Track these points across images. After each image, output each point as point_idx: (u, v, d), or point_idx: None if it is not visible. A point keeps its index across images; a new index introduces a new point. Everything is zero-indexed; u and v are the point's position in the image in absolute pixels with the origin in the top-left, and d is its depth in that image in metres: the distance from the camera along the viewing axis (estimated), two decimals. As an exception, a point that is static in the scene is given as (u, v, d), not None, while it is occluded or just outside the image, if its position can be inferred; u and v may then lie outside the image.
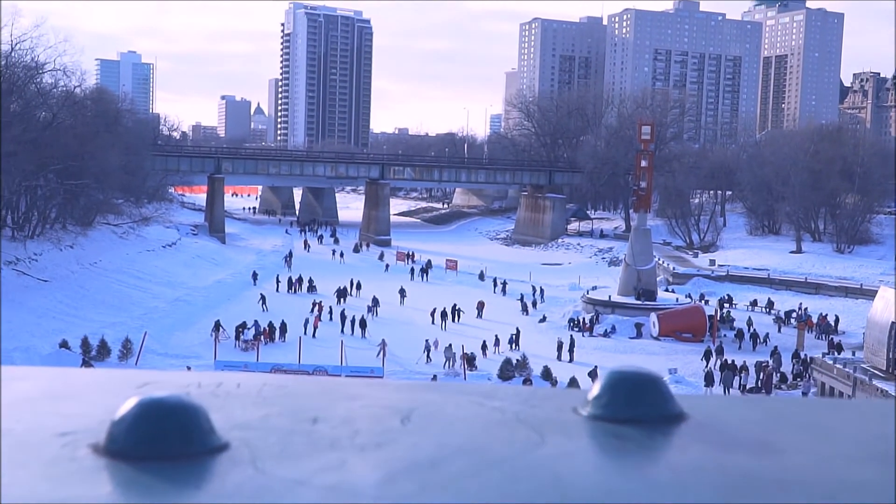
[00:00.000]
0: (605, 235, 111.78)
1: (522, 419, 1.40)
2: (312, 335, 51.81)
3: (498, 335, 51.43)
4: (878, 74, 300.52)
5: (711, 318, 56.75)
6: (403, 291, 65.75)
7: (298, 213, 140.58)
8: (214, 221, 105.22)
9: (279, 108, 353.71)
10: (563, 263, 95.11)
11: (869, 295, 58.33)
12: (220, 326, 49.71)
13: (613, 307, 60.70)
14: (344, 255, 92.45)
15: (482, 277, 78.26)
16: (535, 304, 65.70)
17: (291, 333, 50.32)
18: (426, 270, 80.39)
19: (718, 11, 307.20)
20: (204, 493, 1.10)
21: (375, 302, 60.32)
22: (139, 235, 75.96)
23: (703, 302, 65.56)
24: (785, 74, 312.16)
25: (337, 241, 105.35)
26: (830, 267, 79.75)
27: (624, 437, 1.33)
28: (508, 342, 50.94)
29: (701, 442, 1.33)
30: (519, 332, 52.13)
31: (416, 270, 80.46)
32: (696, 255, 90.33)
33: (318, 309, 57.74)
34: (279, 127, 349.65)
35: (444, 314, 57.51)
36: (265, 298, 61.11)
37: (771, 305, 66.04)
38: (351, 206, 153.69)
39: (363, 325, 54.02)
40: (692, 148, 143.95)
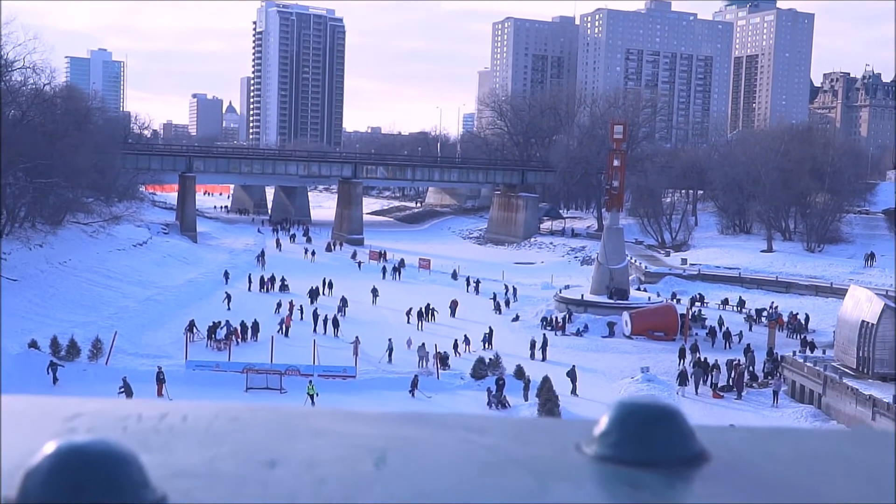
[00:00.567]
0: (577, 234, 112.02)
1: (517, 460, 1.20)
2: (285, 334, 51.63)
3: (468, 334, 51.43)
4: (847, 75, 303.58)
5: (683, 316, 57.04)
6: (376, 291, 65.62)
7: (271, 211, 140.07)
8: (186, 220, 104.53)
9: (251, 106, 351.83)
10: (535, 262, 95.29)
11: (839, 293, 58.85)
12: (194, 326, 49.51)
13: (586, 306, 60.86)
14: (316, 253, 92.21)
15: (455, 276, 78.28)
16: (507, 303, 65.75)
17: (264, 333, 50.09)
18: (398, 269, 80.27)
19: (690, 11, 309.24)
20: None
21: (344, 302, 60.10)
22: (109, 234, 75.29)
23: (674, 301, 65.88)
24: (756, 74, 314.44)
25: (309, 240, 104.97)
26: (801, 266, 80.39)
27: (639, 483, 1.13)
28: (481, 341, 50.93)
29: (729, 487, 1.14)
30: (492, 331, 52.13)
31: (388, 269, 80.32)
32: (667, 254, 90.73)
33: (289, 308, 57.52)
34: (251, 125, 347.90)
35: (420, 314, 57.44)
36: (230, 297, 60.96)
37: (742, 304, 66.42)
38: (324, 205, 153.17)
39: (335, 324, 53.91)
40: (664, 147, 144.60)
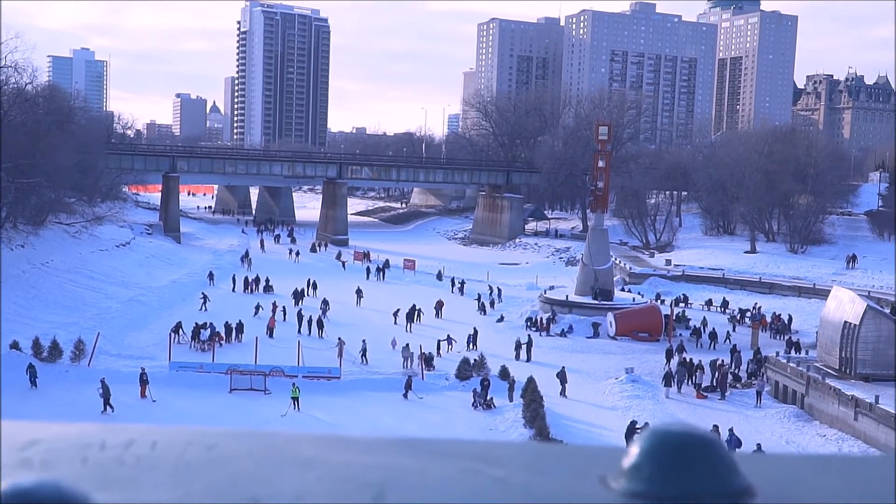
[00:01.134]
0: (562, 235, 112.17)
1: (534, 495, 1.05)
2: (269, 335, 51.46)
3: (451, 335, 51.35)
4: (830, 76, 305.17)
5: (667, 317, 57.17)
6: (360, 291, 65.46)
7: (255, 212, 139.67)
8: (169, 221, 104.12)
9: (235, 106, 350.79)
10: (520, 263, 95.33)
11: (822, 294, 59.10)
12: (180, 328, 49.36)
13: (570, 307, 60.90)
14: (300, 254, 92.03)
15: (440, 277, 78.21)
16: (492, 303, 65.71)
17: (248, 334, 49.88)
18: (382, 270, 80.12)
19: (674, 13, 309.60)
20: None
21: (326, 304, 59.73)
22: (92, 235, 74.83)
23: (659, 302, 66.03)
24: (739, 76, 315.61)
25: (294, 240, 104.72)
26: (784, 267, 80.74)
27: None
28: (466, 342, 50.85)
29: None
30: (476, 331, 52.07)
31: (371, 270, 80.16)
32: (652, 254, 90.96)
33: (272, 309, 57.28)
34: (235, 126, 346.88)
35: (409, 315, 57.25)
36: (206, 298, 60.74)
37: (726, 305, 66.64)
38: (308, 205, 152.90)
39: (320, 325, 53.75)
40: (648, 149, 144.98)
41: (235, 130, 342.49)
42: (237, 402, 38.54)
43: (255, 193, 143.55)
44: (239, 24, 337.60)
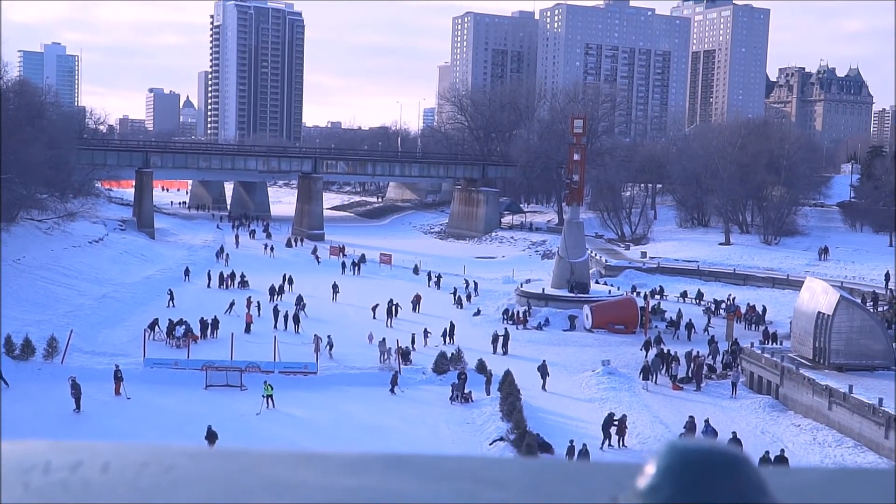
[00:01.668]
0: (538, 229, 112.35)
1: None
2: (247, 330, 51.24)
3: (428, 328, 51.30)
4: (802, 69, 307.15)
5: (643, 309, 57.40)
6: (336, 287, 65.18)
7: (230, 207, 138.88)
8: (143, 216, 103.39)
9: (209, 101, 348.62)
10: (496, 257, 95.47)
11: (795, 285, 59.53)
12: (156, 325, 49.04)
13: (547, 300, 61.04)
14: (275, 249, 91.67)
15: (416, 271, 78.16)
16: (469, 297, 65.73)
17: (224, 330, 49.61)
18: (358, 265, 79.89)
19: (648, 7, 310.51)
20: None
21: (300, 301, 58.82)
22: (64, 231, 74.20)
23: (634, 294, 66.28)
24: (713, 69, 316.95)
25: (269, 235, 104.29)
26: (758, 258, 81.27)
27: None
28: (442, 336, 50.81)
29: None
30: (453, 325, 52.06)
31: (347, 265, 79.94)
32: (627, 247, 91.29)
33: (246, 304, 56.93)
34: (209, 120, 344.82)
35: (389, 310, 56.99)
36: (173, 294, 60.37)
37: (701, 296, 67.02)
38: (283, 200, 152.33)
39: (296, 320, 53.53)
40: (623, 142, 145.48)
41: (209, 125, 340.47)
42: (213, 398, 38.32)
43: (229, 189, 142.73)
44: (212, 17, 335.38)
